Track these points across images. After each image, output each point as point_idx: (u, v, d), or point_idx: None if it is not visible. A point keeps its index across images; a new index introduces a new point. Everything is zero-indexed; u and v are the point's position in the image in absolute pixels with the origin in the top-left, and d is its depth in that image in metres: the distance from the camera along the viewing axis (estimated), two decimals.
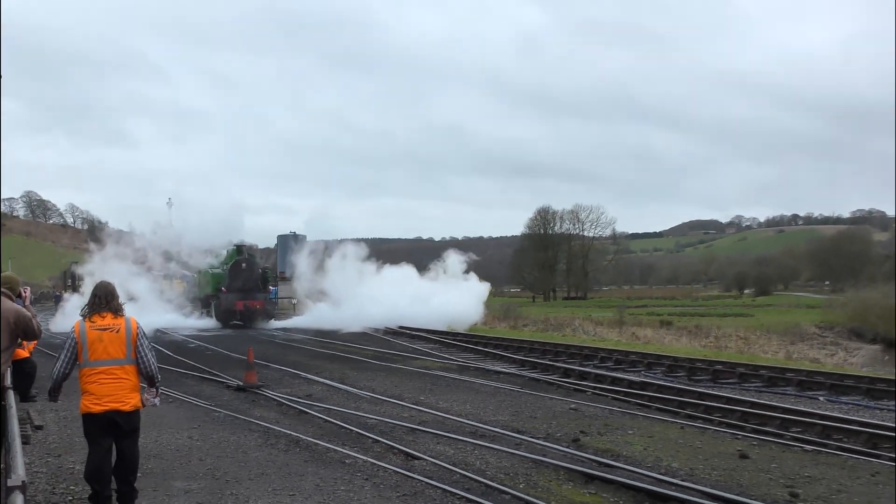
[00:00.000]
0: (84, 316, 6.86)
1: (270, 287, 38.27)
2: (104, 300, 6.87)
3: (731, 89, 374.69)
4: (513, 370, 19.60)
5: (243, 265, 36.74)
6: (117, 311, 6.87)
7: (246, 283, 36.44)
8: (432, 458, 9.33)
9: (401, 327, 32.31)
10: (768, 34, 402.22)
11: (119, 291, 7.13)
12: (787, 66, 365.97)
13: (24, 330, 7.41)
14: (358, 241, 41.59)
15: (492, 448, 9.92)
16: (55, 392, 6.97)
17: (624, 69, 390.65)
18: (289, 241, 44.86)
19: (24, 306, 8.71)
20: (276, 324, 36.31)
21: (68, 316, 32.27)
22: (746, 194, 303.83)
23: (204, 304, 39.26)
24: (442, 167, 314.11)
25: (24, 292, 10.07)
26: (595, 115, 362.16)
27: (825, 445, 10.76)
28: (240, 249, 37.67)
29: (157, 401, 7.10)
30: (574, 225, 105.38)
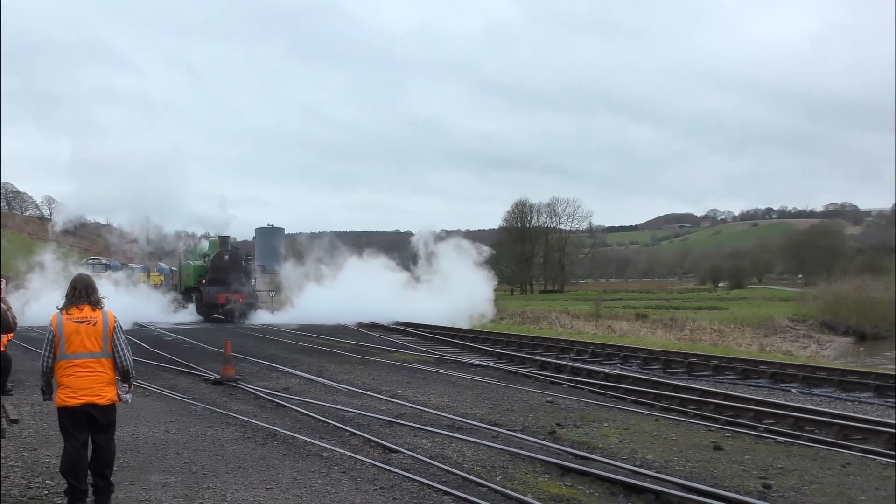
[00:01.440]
0: (61, 308, 6.82)
1: (253, 280, 37.55)
2: (84, 293, 6.82)
3: (704, 82, 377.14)
4: (490, 363, 19.68)
5: (226, 257, 35.83)
6: (96, 304, 6.83)
7: (229, 276, 35.46)
8: (409, 450, 9.35)
9: (397, 323, 31.86)
10: (740, 26, 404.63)
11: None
12: (759, 58, 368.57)
13: None
14: (337, 234, 41.17)
15: (469, 441, 9.97)
16: (47, 388, 6.91)
17: (597, 61, 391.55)
18: (266, 234, 44.45)
19: (0, 298, 8.65)
20: (264, 318, 35.27)
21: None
22: (720, 187, 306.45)
23: (185, 297, 38.37)
24: (417, 160, 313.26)
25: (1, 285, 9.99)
26: (569, 108, 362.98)
27: (797, 437, 10.91)
28: (223, 240, 36.72)
29: (129, 396, 7.04)
30: (551, 218, 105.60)
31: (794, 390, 15.56)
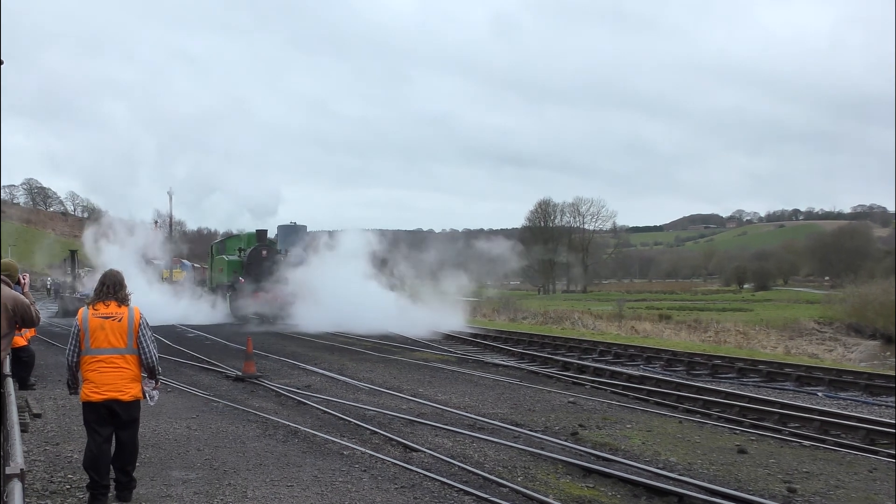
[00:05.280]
0: (89, 303, 6.86)
1: None
2: (112, 289, 6.85)
3: (720, 76, 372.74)
4: (512, 363, 19.61)
5: (264, 252, 33.06)
6: (123, 300, 6.86)
7: (267, 273, 32.15)
8: (430, 450, 9.32)
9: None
10: (754, 18, 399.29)
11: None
12: (775, 52, 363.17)
13: (22, 317, 7.40)
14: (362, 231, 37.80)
15: (490, 441, 9.92)
16: (73, 383, 6.95)
17: (607, 54, 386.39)
18: (289, 232, 43.39)
19: (23, 293, 8.71)
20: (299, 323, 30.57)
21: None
22: (742, 187, 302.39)
23: (215, 294, 36.11)
24: (428, 156, 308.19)
25: (23, 279, 10.08)
26: (582, 103, 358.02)
27: (823, 441, 10.79)
28: (260, 234, 34.08)
29: (156, 393, 7.07)
30: (574, 218, 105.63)
31: (819, 394, 15.38)
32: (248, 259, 33.43)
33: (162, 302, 34.04)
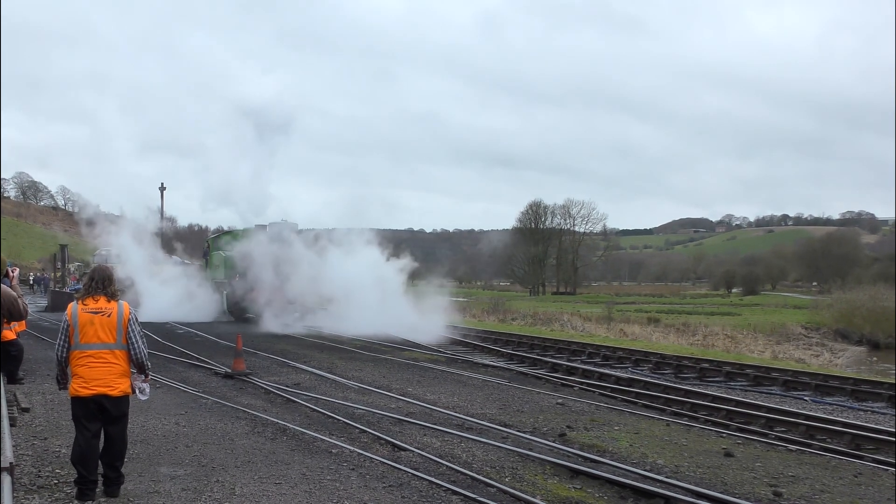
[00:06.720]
0: (78, 298, 6.86)
1: None
2: (101, 284, 6.85)
3: (709, 80, 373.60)
4: (501, 364, 19.65)
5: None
6: (112, 295, 6.85)
7: (265, 271, 30.30)
8: (419, 449, 9.34)
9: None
10: (743, 22, 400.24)
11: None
12: (764, 57, 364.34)
13: (10, 310, 7.39)
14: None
15: (478, 441, 9.94)
16: (62, 378, 6.94)
17: (596, 56, 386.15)
18: (280, 230, 42.77)
19: (11, 286, 8.70)
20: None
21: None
22: (732, 191, 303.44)
23: (212, 290, 34.98)
24: (418, 156, 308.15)
25: (11, 272, 10.06)
26: (571, 105, 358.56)
27: (809, 445, 10.85)
28: (259, 229, 32.56)
29: (146, 386, 7.07)
30: (565, 220, 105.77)
31: (806, 398, 15.47)
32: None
33: (151, 297, 33.76)
